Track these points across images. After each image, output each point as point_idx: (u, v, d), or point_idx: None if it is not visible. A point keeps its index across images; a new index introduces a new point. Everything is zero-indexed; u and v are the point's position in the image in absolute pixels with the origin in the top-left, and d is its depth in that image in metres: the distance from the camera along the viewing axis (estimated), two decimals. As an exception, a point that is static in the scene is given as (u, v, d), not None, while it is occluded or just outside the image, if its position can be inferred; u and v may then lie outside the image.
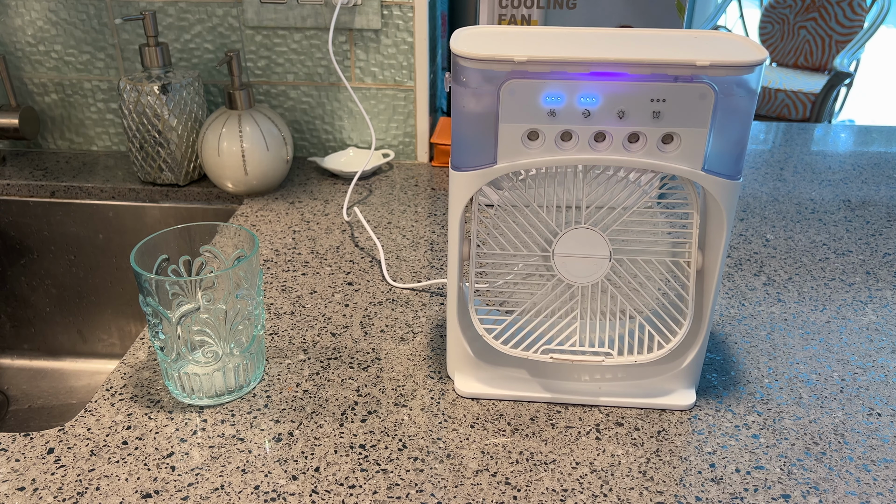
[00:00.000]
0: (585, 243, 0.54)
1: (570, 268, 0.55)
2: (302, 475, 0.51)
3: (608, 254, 0.54)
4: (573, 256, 0.55)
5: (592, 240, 0.54)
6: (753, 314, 0.70)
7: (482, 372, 0.59)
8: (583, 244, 0.54)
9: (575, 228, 0.54)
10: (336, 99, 1.02)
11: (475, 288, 0.57)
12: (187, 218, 0.96)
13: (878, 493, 0.50)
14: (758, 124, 1.24)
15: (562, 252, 0.55)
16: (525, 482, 0.51)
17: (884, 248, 0.83)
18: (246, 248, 0.59)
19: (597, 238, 0.54)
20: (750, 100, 0.48)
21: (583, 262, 0.55)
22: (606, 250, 0.54)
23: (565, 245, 0.54)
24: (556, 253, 0.55)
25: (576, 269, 0.55)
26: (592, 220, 0.54)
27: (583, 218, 0.54)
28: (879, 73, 4.52)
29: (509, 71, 0.48)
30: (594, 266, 0.55)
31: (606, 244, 0.54)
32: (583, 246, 0.54)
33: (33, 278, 1.01)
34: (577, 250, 0.54)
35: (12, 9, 0.99)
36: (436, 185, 0.98)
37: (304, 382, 0.60)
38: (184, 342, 0.55)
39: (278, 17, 0.96)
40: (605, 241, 0.54)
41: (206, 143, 0.90)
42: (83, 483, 0.50)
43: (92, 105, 1.04)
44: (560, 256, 0.55)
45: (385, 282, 0.75)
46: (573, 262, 0.55)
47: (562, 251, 0.55)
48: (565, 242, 0.54)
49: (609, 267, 0.55)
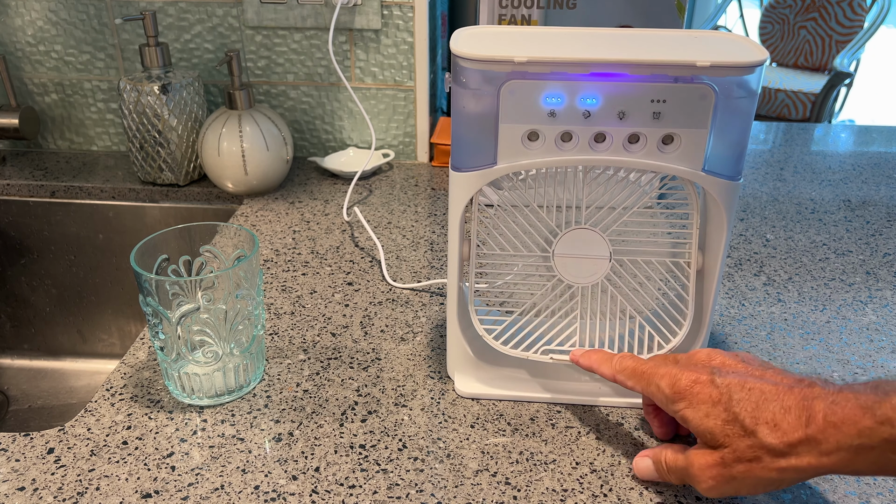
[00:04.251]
0: (585, 244, 0.54)
1: (570, 268, 0.55)
2: (302, 475, 0.51)
3: (608, 254, 0.54)
4: (573, 257, 0.55)
5: (592, 240, 0.54)
6: (753, 314, 0.70)
7: (482, 372, 0.59)
8: (583, 245, 0.54)
9: (575, 229, 0.54)
10: (336, 99, 1.02)
11: (475, 288, 0.57)
12: (187, 218, 0.96)
13: (878, 493, 0.50)
14: (758, 124, 1.24)
15: (562, 252, 0.55)
16: (525, 482, 0.51)
17: (884, 248, 0.83)
18: (246, 248, 0.59)
19: (597, 238, 0.54)
20: (750, 100, 0.48)
21: (583, 262, 0.55)
22: (606, 251, 0.54)
23: (565, 245, 0.54)
24: (556, 253, 0.55)
25: (576, 270, 0.55)
26: (592, 221, 0.54)
27: (583, 218, 0.54)
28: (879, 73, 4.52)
29: (509, 71, 0.48)
30: (594, 266, 0.55)
31: (606, 244, 0.54)
32: (583, 246, 0.54)
33: (33, 278, 1.01)
34: (577, 251, 0.54)
35: (12, 9, 0.99)
36: (436, 185, 0.98)
37: (304, 382, 0.60)
38: (184, 342, 0.55)
39: (278, 17, 0.96)
40: (605, 241, 0.54)
41: (206, 143, 0.90)
42: (83, 483, 0.50)
43: (92, 105, 1.04)
44: (560, 257, 0.55)
45: (385, 282, 0.75)
46: (573, 262, 0.55)
47: (562, 251, 0.55)
48: (565, 243, 0.54)
49: (609, 267, 0.55)
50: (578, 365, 0.54)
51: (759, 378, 0.44)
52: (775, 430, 0.41)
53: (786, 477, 0.41)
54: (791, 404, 0.41)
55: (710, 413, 0.44)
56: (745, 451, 0.42)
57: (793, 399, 0.41)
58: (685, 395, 0.45)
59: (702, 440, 0.45)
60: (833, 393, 0.40)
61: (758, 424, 0.42)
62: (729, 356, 0.47)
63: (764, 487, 0.43)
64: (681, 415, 0.46)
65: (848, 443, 0.38)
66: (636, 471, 0.51)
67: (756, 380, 0.44)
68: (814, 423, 0.40)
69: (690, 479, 0.46)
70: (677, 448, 0.48)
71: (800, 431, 0.40)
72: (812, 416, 0.40)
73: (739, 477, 0.43)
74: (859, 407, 0.38)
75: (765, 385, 0.43)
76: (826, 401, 0.40)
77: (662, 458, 0.48)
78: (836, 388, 0.41)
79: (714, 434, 0.44)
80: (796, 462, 0.40)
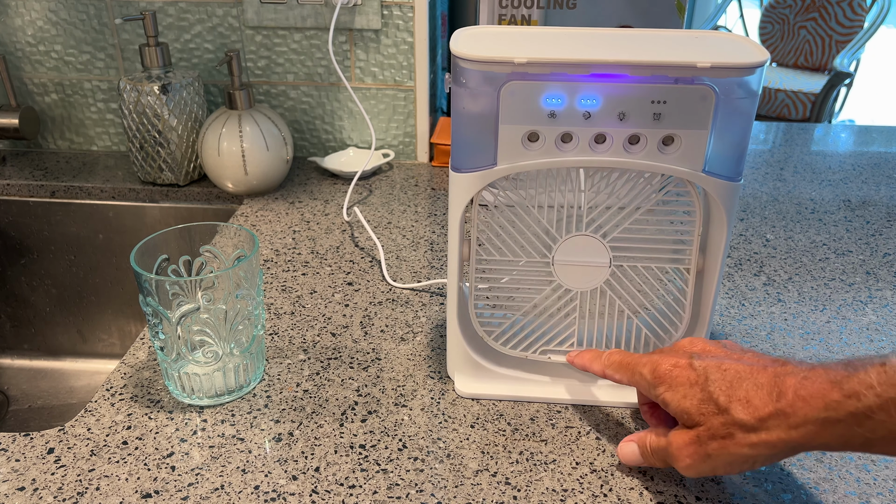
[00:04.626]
0: (585, 250, 0.54)
1: (570, 274, 0.55)
2: (302, 475, 0.51)
3: (608, 260, 0.54)
4: (573, 264, 0.55)
5: (592, 247, 0.54)
6: (753, 314, 0.70)
7: (482, 372, 0.59)
8: (583, 251, 0.54)
9: (575, 235, 0.54)
10: (336, 99, 1.02)
11: (475, 288, 0.57)
12: (187, 218, 0.96)
13: (878, 493, 0.50)
14: (758, 124, 1.24)
15: (561, 259, 0.55)
16: (525, 482, 0.51)
17: (884, 248, 0.83)
18: (246, 248, 0.59)
19: (597, 245, 0.54)
20: (751, 101, 0.48)
21: (583, 269, 0.55)
22: (606, 257, 0.54)
23: (565, 252, 0.54)
24: (556, 260, 0.55)
25: (575, 276, 0.55)
26: (593, 228, 0.54)
27: (583, 225, 0.54)
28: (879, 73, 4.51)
29: (509, 72, 0.48)
30: (594, 272, 0.55)
31: (607, 251, 0.54)
32: (583, 253, 0.54)
33: (33, 278, 1.01)
34: (576, 258, 0.55)
35: (12, 9, 0.99)
36: (436, 185, 0.98)
37: (304, 382, 0.60)
38: (184, 342, 0.55)
39: (278, 17, 0.96)
40: (605, 248, 0.54)
41: (206, 143, 0.90)
42: (83, 483, 0.50)
43: (92, 105, 1.04)
44: (560, 264, 0.55)
45: (385, 282, 0.75)
46: (573, 268, 0.55)
47: (561, 258, 0.55)
48: (565, 249, 0.54)
49: (609, 273, 0.55)
50: (573, 366, 0.56)
51: (736, 360, 0.45)
52: (747, 407, 0.42)
53: (759, 453, 0.42)
54: (764, 381, 0.42)
55: (687, 394, 0.45)
56: (719, 429, 0.43)
57: (766, 377, 0.42)
58: (665, 379, 0.47)
59: (681, 421, 0.46)
60: (805, 370, 0.41)
61: (731, 402, 0.43)
62: (710, 343, 0.49)
63: (739, 465, 0.44)
64: (661, 398, 0.47)
65: (815, 416, 0.39)
66: (620, 456, 0.52)
67: (733, 361, 0.45)
68: (784, 398, 0.41)
69: (670, 458, 0.47)
70: (660, 432, 0.49)
71: (770, 406, 0.41)
72: (783, 392, 0.41)
73: (714, 454, 0.44)
74: (828, 381, 0.39)
75: (740, 366, 0.44)
76: (798, 377, 0.41)
77: (647, 441, 0.50)
78: (808, 365, 0.42)
79: (690, 413, 0.45)
80: (766, 437, 0.41)
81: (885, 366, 0.37)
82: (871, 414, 0.37)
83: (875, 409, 0.36)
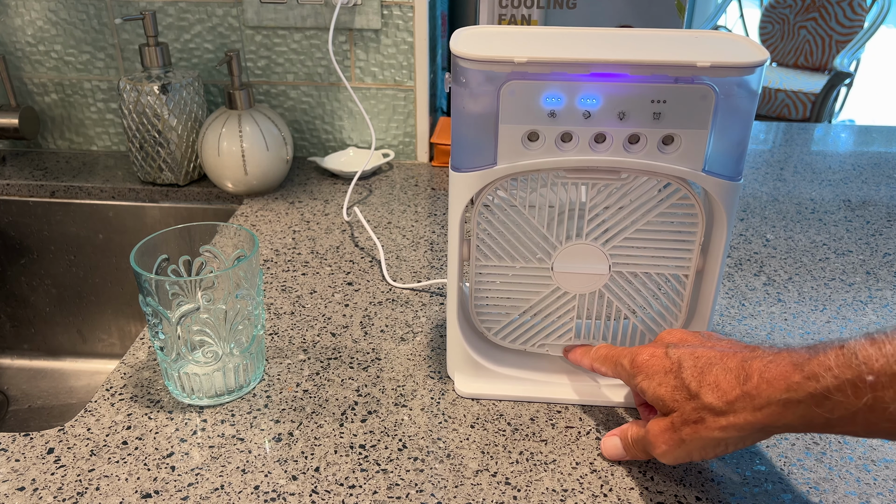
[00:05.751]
0: (585, 258, 0.54)
1: (569, 280, 0.55)
2: (302, 475, 0.51)
3: (607, 268, 0.55)
4: (572, 273, 0.55)
5: (592, 255, 0.54)
6: (753, 314, 0.70)
7: (482, 372, 0.59)
8: (582, 259, 0.54)
9: (575, 244, 0.54)
10: (336, 99, 1.02)
11: (475, 288, 0.57)
12: (187, 218, 0.96)
13: (878, 493, 0.50)
14: (758, 124, 1.24)
15: (561, 267, 0.55)
16: (525, 482, 0.51)
17: (884, 248, 0.83)
18: (246, 248, 0.59)
19: (596, 253, 0.54)
20: (751, 101, 0.48)
21: (582, 275, 0.55)
22: (606, 264, 0.54)
23: (564, 259, 0.55)
24: (556, 268, 0.55)
25: (574, 281, 0.55)
26: (592, 238, 0.54)
27: (584, 234, 0.54)
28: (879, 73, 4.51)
29: (509, 72, 0.48)
30: (593, 278, 0.55)
31: (606, 259, 0.54)
32: (582, 260, 0.55)
33: (33, 278, 1.01)
34: (576, 265, 0.55)
35: (12, 9, 0.99)
36: (436, 185, 0.98)
37: (304, 382, 0.60)
38: (184, 342, 0.55)
39: (278, 17, 0.96)
40: (604, 255, 0.54)
41: (206, 143, 0.90)
42: (83, 483, 0.50)
43: (92, 105, 1.04)
44: (559, 272, 0.55)
45: (385, 282, 0.75)
46: (572, 275, 0.55)
47: (561, 266, 0.55)
48: (564, 257, 0.54)
49: (608, 278, 0.55)
50: (567, 360, 0.58)
51: (709, 348, 0.46)
52: (716, 391, 0.43)
53: (729, 436, 0.43)
54: (732, 366, 0.43)
55: (662, 382, 0.46)
56: (691, 414, 0.44)
57: (734, 361, 0.43)
58: (642, 369, 0.48)
59: (657, 409, 0.47)
60: (772, 353, 0.42)
61: (701, 387, 0.44)
62: (689, 333, 0.50)
63: (713, 450, 0.45)
64: (639, 387, 0.48)
65: (777, 397, 0.40)
66: (604, 450, 0.53)
67: (706, 349, 0.46)
68: (749, 381, 0.42)
69: (648, 446, 0.48)
70: (640, 423, 0.50)
71: (737, 389, 0.42)
72: (749, 375, 0.42)
73: (688, 439, 0.45)
74: (791, 364, 0.40)
75: (712, 352, 0.45)
76: (764, 360, 0.42)
77: (628, 433, 0.51)
78: (776, 349, 0.43)
79: (665, 401, 0.46)
80: (734, 419, 0.42)
81: (843, 348, 0.38)
82: (829, 395, 0.37)
83: (833, 389, 0.37)
